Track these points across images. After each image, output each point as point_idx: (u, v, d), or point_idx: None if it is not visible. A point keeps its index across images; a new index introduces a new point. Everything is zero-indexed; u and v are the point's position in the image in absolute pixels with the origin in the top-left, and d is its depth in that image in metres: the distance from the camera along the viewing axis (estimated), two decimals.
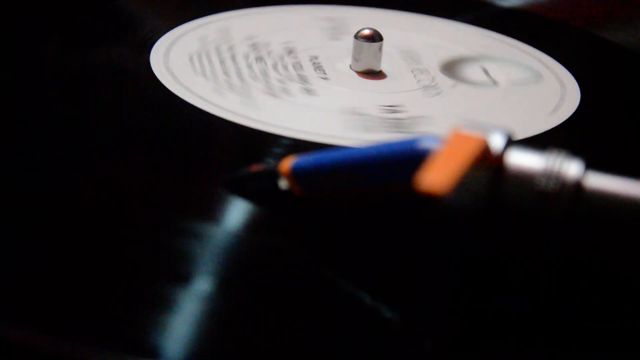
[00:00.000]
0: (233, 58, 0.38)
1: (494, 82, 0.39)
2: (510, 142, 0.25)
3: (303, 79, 0.37)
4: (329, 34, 0.42)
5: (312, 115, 0.34)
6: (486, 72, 0.39)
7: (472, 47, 0.42)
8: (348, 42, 0.40)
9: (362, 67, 0.38)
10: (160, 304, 0.24)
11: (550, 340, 0.24)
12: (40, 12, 0.42)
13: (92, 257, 0.25)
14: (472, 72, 0.39)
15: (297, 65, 0.38)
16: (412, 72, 0.39)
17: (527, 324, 0.25)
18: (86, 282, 0.24)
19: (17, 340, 0.22)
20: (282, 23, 0.43)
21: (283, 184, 0.28)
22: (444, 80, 0.38)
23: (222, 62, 0.38)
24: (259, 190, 0.28)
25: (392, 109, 0.35)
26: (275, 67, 0.38)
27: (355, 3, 0.46)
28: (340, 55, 0.39)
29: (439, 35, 0.43)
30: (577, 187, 0.25)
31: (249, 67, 0.37)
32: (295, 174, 0.27)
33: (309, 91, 0.36)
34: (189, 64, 0.37)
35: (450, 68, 0.39)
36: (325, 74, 0.38)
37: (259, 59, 0.38)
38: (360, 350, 0.23)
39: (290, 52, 0.39)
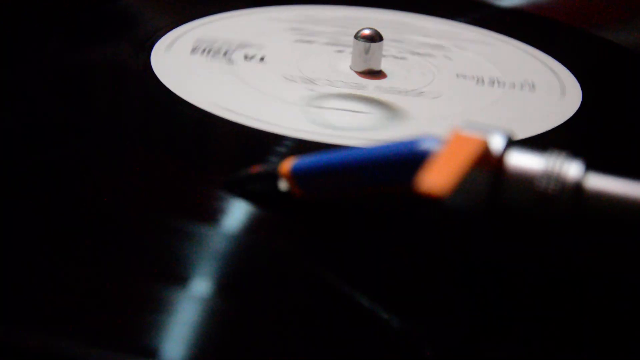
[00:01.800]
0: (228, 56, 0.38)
1: (493, 82, 0.39)
2: (511, 143, 0.25)
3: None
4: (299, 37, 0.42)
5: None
6: (481, 74, 0.39)
7: (471, 46, 0.42)
8: (321, 44, 0.40)
9: (362, 67, 0.38)
10: (160, 305, 0.24)
11: (550, 342, 0.24)
12: (40, 12, 0.42)
13: (91, 257, 0.25)
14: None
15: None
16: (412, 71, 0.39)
17: (527, 326, 0.25)
18: (86, 282, 0.24)
19: (17, 340, 0.22)
20: (250, 30, 0.43)
21: (283, 185, 0.28)
22: (444, 80, 0.38)
23: (230, 62, 0.38)
24: (258, 191, 0.28)
25: (357, 84, 0.36)
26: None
27: (355, 3, 0.46)
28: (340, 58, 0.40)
29: (437, 35, 0.43)
30: (577, 188, 0.25)
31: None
32: (295, 176, 0.27)
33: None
34: (188, 64, 0.37)
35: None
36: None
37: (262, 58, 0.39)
38: (360, 354, 0.23)
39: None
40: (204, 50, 0.39)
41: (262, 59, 0.39)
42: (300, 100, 0.35)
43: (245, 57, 0.39)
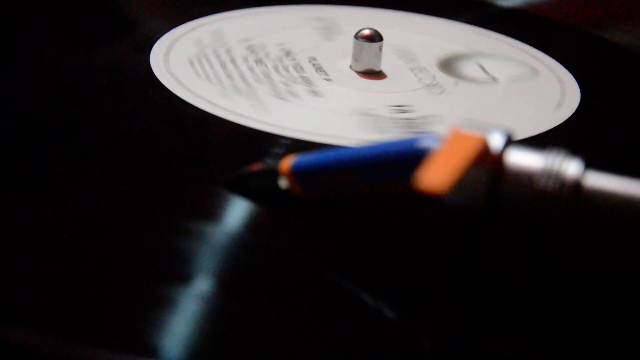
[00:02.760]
0: (232, 61, 0.38)
1: (493, 79, 0.39)
2: (510, 142, 0.25)
3: (307, 81, 0.37)
4: (321, 35, 0.42)
5: (323, 118, 0.34)
6: (483, 68, 0.39)
7: (470, 46, 0.42)
8: (342, 42, 0.40)
9: (362, 67, 0.38)
10: (160, 304, 0.24)
11: (549, 340, 0.24)
12: (40, 12, 0.42)
13: (91, 256, 0.25)
14: (469, 69, 0.39)
15: (298, 67, 0.38)
16: (411, 71, 0.39)
17: (526, 323, 0.25)
18: (86, 282, 0.24)
19: (17, 340, 0.22)
20: (274, 24, 0.43)
21: (283, 183, 0.28)
22: (444, 79, 0.38)
23: (222, 65, 0.37)
24: (258, 189, 0.28)
25: (401, 108, 0.35)
26: (276, 69, 0.38)
27: (347, 2, 0.46)
28: (338, 55, 0.39)
29: (435, 34, 0.43)
30: (576, 186, 0.25)
31: (251, 70, 0.37)
32: (295, 173, 0.27)
33: (315, 93, 0.36)
34: (189, 65, 0.37)
35: (447, 65, 0.39)
36: (327, 75, 0.38)
37: (259, 61, 0.38)
38: (360, 349, 0.23)
39: (287, 54, 0.39)
40: (202, 53, 0.39)
41: (260, 61, 0.39)
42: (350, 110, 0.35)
43: (245, 59, 0.39)
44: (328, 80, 0.37)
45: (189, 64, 0.37)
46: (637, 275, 0.27)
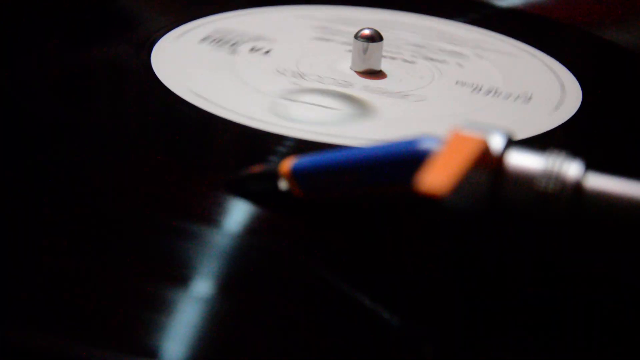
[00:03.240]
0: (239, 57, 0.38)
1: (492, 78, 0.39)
2: (510, 143, 0.25)
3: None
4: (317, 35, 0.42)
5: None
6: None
7: (469, 47, 0.42)
8: (339, 43, 0.40)
9: (362, 67, 0.38)
10: (160, 305, 0.24)
11: (549, 341, 0.24)
12: (40, 12, 0.42)
13: (91, 257, 0.25)
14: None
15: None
16: (411, 70, 0.39)
17: (527, 325, 0.25)
18: (86, 283, 0.24)
19: (17, 340, 0.22)
20: (270, 25, 0.43)
21: (283, 184, 0.28)
22: (445, 77, 0.39)
23: (233, 52, 0.38)
24: (258, 191, 0.28)
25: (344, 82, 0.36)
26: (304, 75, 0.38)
27: (345, 2, 0.46)
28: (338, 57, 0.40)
29: (435, 34, 0.43)
30: (577, 188, 0.25)
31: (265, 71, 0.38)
32: (295, 175, 0.27)
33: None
34: (188, 66, 0.37)
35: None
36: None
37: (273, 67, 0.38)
38: (360, 353, 0.23)
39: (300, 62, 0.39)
40: (214, 40, 0.39)
41: (267, 52, 0.39)
42: (275, 93, 0.35)
43: (252, 49, 0.39)
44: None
45: (188, 63, 0.37)
46: (637, 276, 0.27)
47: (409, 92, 0.37)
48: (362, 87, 0.37)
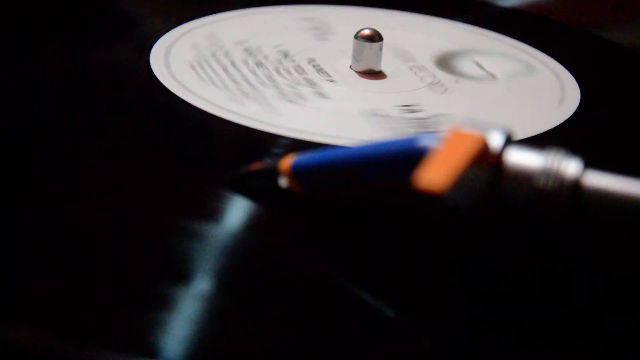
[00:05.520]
0: (233, 64, 0.38)
1: (491, 76, 0.39)
2: (509, 141, 0.25)
3: (311, 83, 0.37)
4: (314, 35, 0.42)
5: (333, 119, 0.34)
6: (480, 65, 0.39)
7: (469, 45, 0.42)
8: (335, 42, 0.40)
9: (362, 67, 0.38)
10: (160, 304, 0.24)
11: (549, 340, 0.24)
12: (40, 12, 0.42)
13: (91, 256, 0.25)
14: (467, 66, 0.40)
15: (299, 69, 0.38)
16: (411, 70, 0.39)
17: (526, 323, 0.25)
18: (86, 282, 0.24)
19: (17, 340, 0.22)
20: (266, 25, 0.42)
21: (283, 182, 0.28)
22: (445, 77, 0.38)
23: (224, 69, 0.37)
24: (259, 188, 0.28)
25: (409, 108, 0.35)
26: (278, 71, 0.38)
27: (344, 2, 0.46)
28: (336, 55, 0.39)
29: (435, 35, 0.43)
30: (575, 186, 0.25)
31: (253, 72, 0.37)
32: (295, 172, 0.27)
33: (321, 94, 0.36)
34: (189, 67, 0.37)
35: (444, 63, 0.39)
36: (329, 76, 0.38)
37: (259, 64, 0.38)
38: (360, 349, 0.23)
39: (285, 55, 0.39)
40: (201, 57, 0.39)
41: (260, 64, 0.39)
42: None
43: (245, 62, 0.39)
44: (331, 81, 0.37)
45: (189, 66, 0.37)
46: (637, 275, 0.27)
47: (435, 83, 0.37)
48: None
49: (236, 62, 0.38)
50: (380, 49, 0.38)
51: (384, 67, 0.38)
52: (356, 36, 0.38)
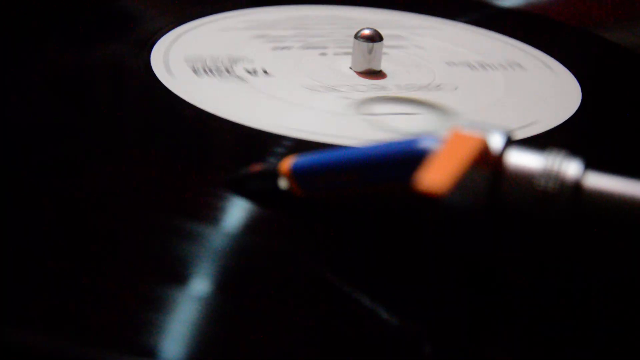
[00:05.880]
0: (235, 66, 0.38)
1: (490, 76, 0.39)
2: (510, 142, 0.25)
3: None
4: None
5: (334, 120, 0.35)
6: (478, 65, 0.40)
7: (469, 46, 0.42)
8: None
9: (362, 67, 0.38)
10: (160, 305, 0.24)
11: (549, 341, 0.24)
12: (40, 11, 0.42)
13: (91, 257, 0.25)
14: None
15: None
16: (411, 70, 0.39)
17: (526, 324, 0.25)
18: (85, 282, 0.24)
19: (17, 340, 0.22)
20: (265, 25, 0.43)
21: (283, 183, 0.28)
22: (445, 77, 0.39)
23: (224, 69, 0.38)
24: (258, 190, 0.28)
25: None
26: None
27: (344, 2, 0.46)
28: (337, 55, 0.40)
29: (434, 34, 0.43)
30: (576, 187, 0.25)
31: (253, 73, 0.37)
32: (295, 174, 0.27)
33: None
34: (189, 67, 0.37)
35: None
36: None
37: (253, 71, 0.38)
38: (359, 352, 0.23)
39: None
40: (205, 70, 0.38)
41: (265, 72, 0.38)
42: (344, 109, 0.35)
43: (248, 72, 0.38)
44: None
45: (189, 65, 0.37)
46: (637, 275, 0.27)
47: (436, 83, 0.37)
48: (395, 87, 0.37)
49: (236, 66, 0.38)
50: (380, 49, 0.38)
51: (384, 67, 0.39)
52: (356, 36, 0.38)
